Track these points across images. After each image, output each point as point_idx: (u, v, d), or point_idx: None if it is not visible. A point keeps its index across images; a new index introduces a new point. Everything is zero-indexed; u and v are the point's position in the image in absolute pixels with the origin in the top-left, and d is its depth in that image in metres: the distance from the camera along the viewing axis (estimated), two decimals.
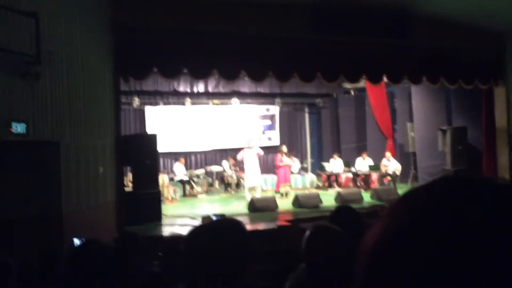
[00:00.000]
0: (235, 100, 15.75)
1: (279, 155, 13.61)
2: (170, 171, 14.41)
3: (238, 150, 14.65)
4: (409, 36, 10.50)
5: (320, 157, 17.40)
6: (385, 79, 11.46)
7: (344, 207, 3.00)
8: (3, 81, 5.90)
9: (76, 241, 5.19)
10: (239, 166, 14.40)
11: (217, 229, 1.38)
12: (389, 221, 0.59)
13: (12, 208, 6.58)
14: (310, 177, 15.59)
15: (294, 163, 14.80)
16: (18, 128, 6.02)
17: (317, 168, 16.32)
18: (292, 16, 9.81)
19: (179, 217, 10.25)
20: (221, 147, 16.04)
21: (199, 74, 10.15)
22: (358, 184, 14.19)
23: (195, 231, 1.38)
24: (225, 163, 14.82)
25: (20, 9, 6.14)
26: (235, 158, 14.38)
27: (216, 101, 15.87)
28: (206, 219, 7.85)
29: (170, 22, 9.10)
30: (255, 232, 8.36)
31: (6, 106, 5.92)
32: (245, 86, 14.51)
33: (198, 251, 1.31)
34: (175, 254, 2.76)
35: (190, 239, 1.35)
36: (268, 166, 16.02)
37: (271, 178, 14.71)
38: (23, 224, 6.47)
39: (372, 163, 14.36)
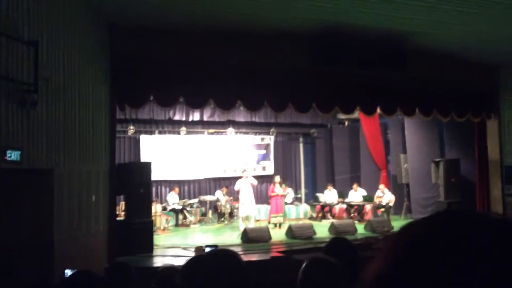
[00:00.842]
0: (230, 130, 15.82)
1: (271, 185, 13.60)
2: (164, 200, 14.32)
3: (232, 179, 14.64)
4: (406, 69, 10.65)
5: (314, 187, 17.39)
6: (378, 110, 11.58)
7: (339, 239, 3.00)
8: (0, 108, 5.91)
9: (68, 272, 5.12)
10: (232, 195, 14.37)
11: (213, 260, 1.38)
12: (388, 255, 0.61)
13: (4, 235, 6.50)
14: (304, 207, 15.53)
15: (288, 194, 14.77)
16: (13, 155, 6.00)
17: (311, 199, 16.28)
18: (290, 47, 9.96)
19: (171, 247, 10.14)
20: (215, 176, 16.02)
21: (195, 103, 10.22)
22: (352, 215, 14.14)
23: (192, 262, 1.37)
24: (218, 192, 14.77)
25: (21, 37, 6.22)
26: (227, 186, 14.41)
27: (211, 130, 15.94)
28: (199, 250, 7.77)
29: (167, 52, 9.21)
30: (248, 263, 8.26)
31: (2, 134, 5.92)
32: (240, 115, 14.61)
33: (195, 282, 1.30)
34: (169, 285, 2.73)
35: (187, 270, 1.34)
36: (262, 196, 15.97)
37: (265, 208, 14.65)
38: (15, 251, 6.38)
39: (365, 194, 14.36)
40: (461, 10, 8.24)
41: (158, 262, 8.66)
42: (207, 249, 5.90)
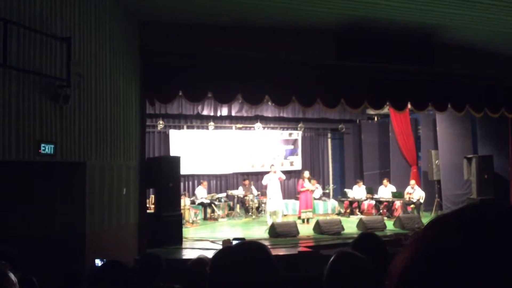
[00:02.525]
0: (258, 125, 15.85)
1: (300, 180, 13.57)
2: (192, 194, 14.48)
3: (260, 174, 14.68)
4: (434, 63, 10.45)
5: (342, 183, 17.27)
6: (409, 106, 11.39)
7: (368, 234, 2.97)
8: (35, 103, 6.08)
9: (98, 262, 5.24)
10: (259, 189, 14.42)
11: (241, 252, 1.39)
12: (418, 246, 0.60)
13: (37, 227, 6.70)
14: (332, 203, 15.45)
15: (316, 189, 14.71)
16: (47, 149, 6.16)
17: (339, 194, 16.18)
18: (317, 42, 9.89)
19: (200, 240, 10.25)
20: (243, 170, 16.08)
21: (224, 99, 10.27)
22: (381, 212, 13.98)
23: (221, 253, 1.39)
24: (241, 188, 14.85)
25: (54, 33, 6.37)
26: (247, 180, 14.51)
27: (239, 125, 16.00)
28: (226, 242, 7.83)
29: (196, 47, 9.29)
30: (275, 257, 8.28)
31: (36, 128, 6.09)
32: (268, 110, 14.62)
33: (223, 274, 1.32)
34: (200, 277, 2.77)
35: (216, 261, 1.36)
36: (289, 191, 15.96)
37: (293, 203, 14.63)
38: (47, 242, 6.57)
39: (394, 190, 14.18)
40: (493, 4, 8.00)
41: (187, 254, 8.77)
42: (234, 242, 5.94)
